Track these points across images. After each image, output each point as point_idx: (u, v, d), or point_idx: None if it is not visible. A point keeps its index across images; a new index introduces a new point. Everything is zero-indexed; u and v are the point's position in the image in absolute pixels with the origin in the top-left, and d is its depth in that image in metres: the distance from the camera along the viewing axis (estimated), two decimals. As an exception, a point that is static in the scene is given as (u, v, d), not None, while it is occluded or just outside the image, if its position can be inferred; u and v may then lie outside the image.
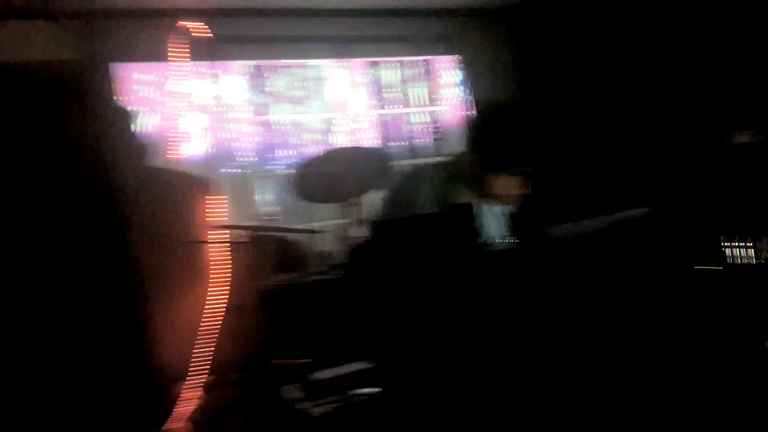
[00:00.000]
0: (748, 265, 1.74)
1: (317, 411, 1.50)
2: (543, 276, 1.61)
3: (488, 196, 2.25)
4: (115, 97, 3.63)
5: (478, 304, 1.70)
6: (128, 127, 3.66)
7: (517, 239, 1.91)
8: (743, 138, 2.19)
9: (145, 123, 3.73)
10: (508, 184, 2.20)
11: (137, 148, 3.67)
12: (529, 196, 2.22)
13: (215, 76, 3.96)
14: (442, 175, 2.26)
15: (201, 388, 3.36)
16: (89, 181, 3.51)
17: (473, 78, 4.76)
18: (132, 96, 3.71)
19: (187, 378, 3.44)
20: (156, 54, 3.75)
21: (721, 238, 1.77)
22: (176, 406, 3.28)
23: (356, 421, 1.51)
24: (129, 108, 3.67)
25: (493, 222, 2.39)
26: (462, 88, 4.81)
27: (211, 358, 3.47)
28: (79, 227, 3.40)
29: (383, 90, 4.71)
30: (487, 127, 2.23)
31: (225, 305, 3.16)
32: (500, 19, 4.74)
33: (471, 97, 4.74)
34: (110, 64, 3.64)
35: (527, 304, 1.57)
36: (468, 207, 2.25)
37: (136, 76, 3.72)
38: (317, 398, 1.58)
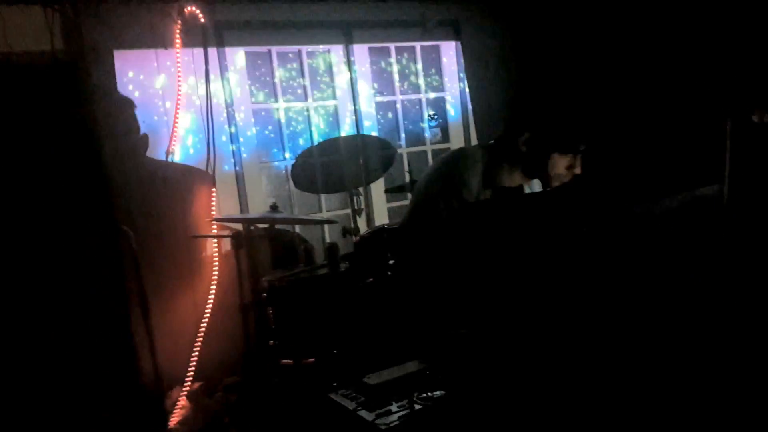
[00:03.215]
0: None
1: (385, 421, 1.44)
2: (627, 258, 1.57)
3: (540, 177, 2.19)
4: (114, 87, 3.54)
5: (534, 292, 1.68)
6: (129, 117, 3.58)
7: (590, 221, 1.85)
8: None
9: (146, 114, 3.64)
10: (560, 164, 2.11)
11: (138, 140, 3.59)
12: (581, 176, 2.14)
13: (217, 64, 3.85)
14: (487, 158, 2.15)
15: (199, 392, 3.32)
16: (89, 174, 3.44)
17: (474, 63, 4.67)
18: (132, 85, 3.61)
19: (185, 381, 3.37)
20: (156, 41, 3.64)
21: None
22: (174, 412, 3.21)
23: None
24: (129, 98, 3.58)
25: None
26: (464, 74, 4.72)
27: (210, 359, 3.42)
28: (79, 222, 3.32)
29: (386, 77, 4.63)
30: (539, 106, 2.15)
31: (228, 303, 3.11)
32: (503, 5, 4.64)
33: (473, 83, 4.64)
34: (109, 52, 3.54)
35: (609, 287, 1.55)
36: (519, 189, 2.22)
37: (135, 64, 3.62)
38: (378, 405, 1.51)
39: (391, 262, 2.84)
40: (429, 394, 1.48)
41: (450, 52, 4.78)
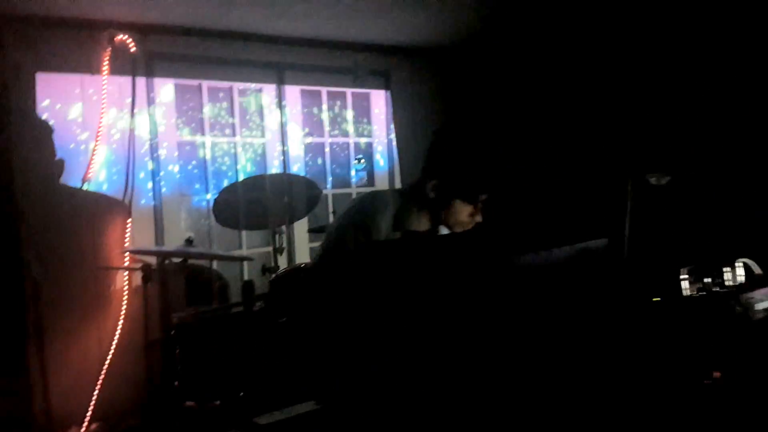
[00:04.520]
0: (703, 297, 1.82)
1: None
2: (506, 305, 1.60)
3: (444, 223, 2.25)
4: (34, 110, 3.43)
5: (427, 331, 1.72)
6: (46, 142, 3.47)
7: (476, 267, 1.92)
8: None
9: (65, 139, 3.54)
10: (462, 212, 2.18)
11: (53, 165, 3.48)
12: (483, 224, 2.23)
13: (144, 95, 3.81)
14: (399, 202, 2.20)
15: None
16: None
17: (403, 112, 4.80)
18: (49, 111, 3.51)
19: (83, 422, 3.18)
20: (82, 66, 3.58)
21: (680, 270, 1.83)
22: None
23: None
24: (47, 122, 3.48)
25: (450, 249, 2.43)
26: (392, 121, 4.83)
27: (112, 400, 3.23)
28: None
29: (317, 122, 4.69)
30: (447, 153, 2.24)
31: (136, 340, 2.99)
32: (431, 57, 4.83)
33: (401, 131, 4.76)
34: (31, 74, 3.44)
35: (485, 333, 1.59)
36: (424, 235, 2.27)
37: (57, 89, 3.53)
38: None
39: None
40: None
41: (380, 101, 4.90)
